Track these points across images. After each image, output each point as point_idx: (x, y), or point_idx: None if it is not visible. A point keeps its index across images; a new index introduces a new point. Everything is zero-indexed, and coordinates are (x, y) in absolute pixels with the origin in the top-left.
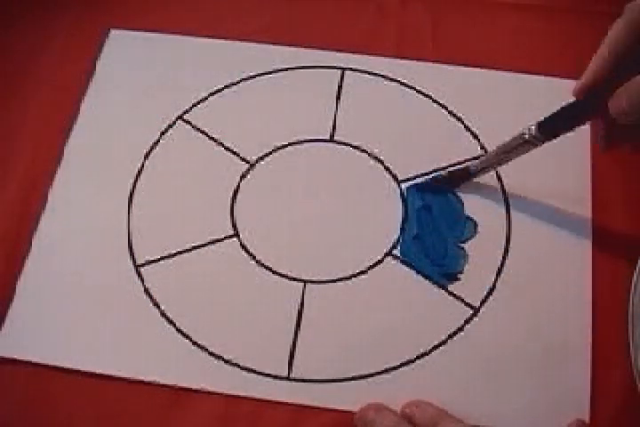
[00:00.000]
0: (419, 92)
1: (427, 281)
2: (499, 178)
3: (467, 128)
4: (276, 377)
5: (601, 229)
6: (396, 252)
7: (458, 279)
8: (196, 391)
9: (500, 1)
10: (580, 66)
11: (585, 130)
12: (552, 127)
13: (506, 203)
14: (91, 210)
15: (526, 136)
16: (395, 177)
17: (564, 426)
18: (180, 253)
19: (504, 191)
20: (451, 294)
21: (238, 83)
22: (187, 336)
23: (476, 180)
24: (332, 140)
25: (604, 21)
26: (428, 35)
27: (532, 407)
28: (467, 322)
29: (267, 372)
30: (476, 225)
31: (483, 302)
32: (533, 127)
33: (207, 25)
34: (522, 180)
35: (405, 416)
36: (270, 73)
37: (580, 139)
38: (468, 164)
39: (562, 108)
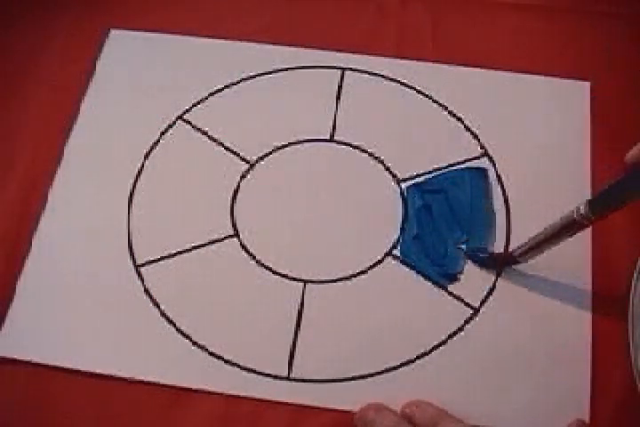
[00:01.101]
0: (419, 92)
1: (427, 281)
2: (499, 178)
3: (467, 128)
4: (276, 377)
5: (601, 229)
6: (396, 252)
7: (458, 279)
8: (196, 391)
9: (500, 1)
10: (580, 66)
11: (586, 130)
12: (604, 205)
13: (506, 203)
14: (91, 210)
15: (575, 216)
16: (395, 177)
17: (564, 426)
18: (180, 253)
19: (504, 191)
20: (451, 294)
21: (238, 83)
22: (187, 336)
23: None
24: (332, 140)
25: (604, 21)
26: (428, 35)
27: (532, 407)
28: (467, 322)
29: (267, 372)
30: None
31: (483, 302)
32: (582, 207)
33: (207, 25)
34: (522, 180)
35: (405, 416)
36: (270, 73)
37: (580, 139)
38: (514, 249)
39: (613, 184)
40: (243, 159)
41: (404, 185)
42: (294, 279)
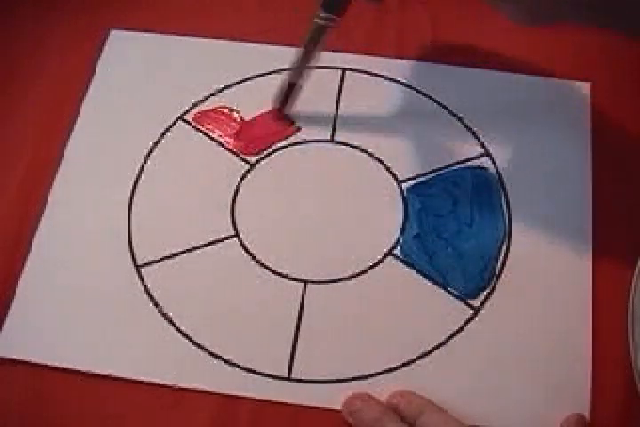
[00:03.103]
0: (419, 92)
1: (427, 281)
2: (499, 177)
3: (467, 128)
4: (276, 377)
5: (601, 229)
6: (397, 251)
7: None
8: (196, 391)
9: None
10: (580, 66)
11: (586, 130)
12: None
13: (507, 203)
14: (91, 210)
15: (320, 22)
16: (395, 177)
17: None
18: (180, 253)
19: (504, 189)
20: (451, 294)
21: (238, 83)
22: (187, 336)
23: None
24: (332, 140)
25: None
26: (428, 35)
27: (532, 407)
28: (467, 322)
29: (267, 372)
30: None
31: (483, 302)
32: (320, 13)
33: (207, 25)
34: (522, 180)
35: (391, 406)
36: (270, 73)
37: (580, 139)
38: (284, 78)
39: None
40: (243, 160)
41: (404, 185)
42: (294, 279)
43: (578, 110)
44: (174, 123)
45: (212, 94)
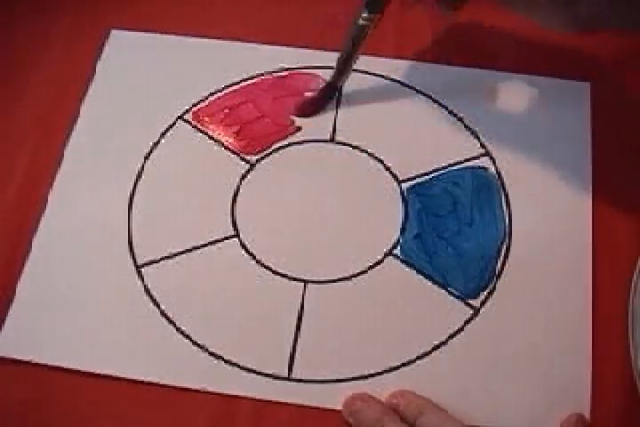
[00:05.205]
0: (419, 92)
1: (427, 281)
2: (499, 177)
3: (467, 127)
4: (276, 377)
5: (601, 229)
6: (397, 251)
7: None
8: (196, 391)
9: None
10: (580, 66)
11: (586, 130)
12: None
13: (507, 203)
14: (91, 210)
15: (360, 21)
16: (395, 177)
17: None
18: (180, 253)
19: (504, 189)
20: (451, 293)
21: (238, 83)
22: (187, 336)
23: None
24: (332, 140)
25: None
26: (427, 35)
27: (532, 408)
28: (467, 322)
29: (267, 372)
30: None
31: (483, 302)
32: (361, 14)
33: (207, 25)
34: (523, 181)
35: (391, 406)
36: (270, 73)
37: (580, 139)
38: (328, 79)
39: None
40: (243, 159)
41: (404, 185)
42: (294, 279)
43: (578, 110)
44: (174, 123)
45: (212, 94)
